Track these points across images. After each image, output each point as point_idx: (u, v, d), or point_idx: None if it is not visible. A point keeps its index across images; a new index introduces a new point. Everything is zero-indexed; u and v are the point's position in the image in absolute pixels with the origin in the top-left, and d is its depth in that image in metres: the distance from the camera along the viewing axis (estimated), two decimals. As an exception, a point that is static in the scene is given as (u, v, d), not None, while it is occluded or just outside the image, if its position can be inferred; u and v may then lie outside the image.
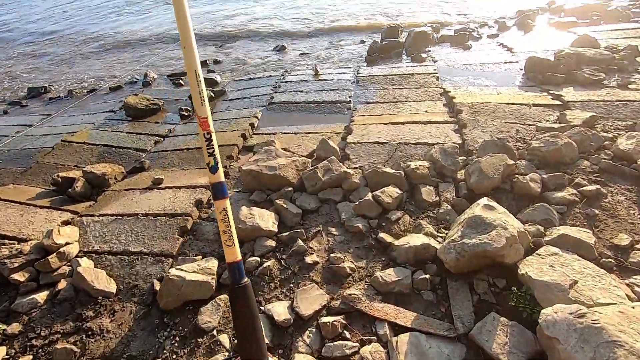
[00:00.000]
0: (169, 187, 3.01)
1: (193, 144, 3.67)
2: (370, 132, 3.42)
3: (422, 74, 4.62)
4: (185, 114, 4.43)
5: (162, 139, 3.95)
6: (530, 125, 3.24)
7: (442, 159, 2.79)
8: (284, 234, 2.41)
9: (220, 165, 1.45)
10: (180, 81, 5.57)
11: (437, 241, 2.22)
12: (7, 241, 2.63)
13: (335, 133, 3.60)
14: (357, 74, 4.92)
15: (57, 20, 10.15)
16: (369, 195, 2.55)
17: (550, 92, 3.80)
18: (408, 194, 2.65)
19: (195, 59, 1.41)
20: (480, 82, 4.32)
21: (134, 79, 5.85)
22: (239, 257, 1.55)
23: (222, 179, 1.45)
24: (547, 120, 3.29)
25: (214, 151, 1.40)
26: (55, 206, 2.98)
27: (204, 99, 1.40)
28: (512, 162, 2.57)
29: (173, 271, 2.13)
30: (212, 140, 1.40)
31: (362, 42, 6.64)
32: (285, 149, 3.35)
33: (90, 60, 7.08)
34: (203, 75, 4.61)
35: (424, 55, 5.26)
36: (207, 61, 6.45)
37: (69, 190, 3.07)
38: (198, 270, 2.16)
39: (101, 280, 2.25)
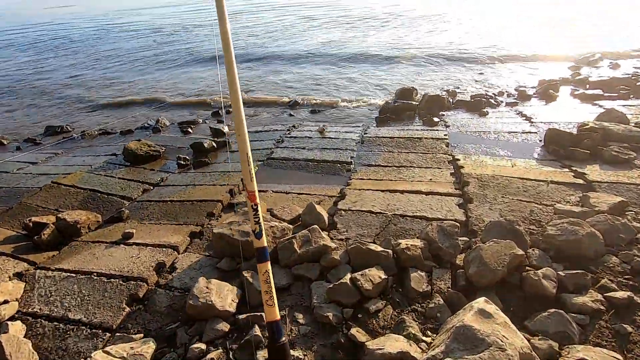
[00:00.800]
0: (136, 244, 2.76)
1: (179, 196, 3.48)
2: (365, 199, 3.11)
3: (431, 138, 4.38)
4: (182, 162, 4.33)
5: (151, 188, 3.80)
6: (547, 205, 2.84)
7: (440, 240, 2.41)
8: (241, 316, 2.05)
9: (264, 232, 1.58)
10: (189, 129, 5.60)
11: (420, 348, 1.79)
12: (-51, 291, 2.41)
13: (329, 196, 3.32)
14: (364, 134, 4.74)
15: (90, 65, 11.02)
16: (347, 277, 2.18)
17: (572, 168, 3.42)
18: (395, 278, 2.26)
19: (246, 144, 1.62)
20: (493, 152, 4.00)
21: (146, 125, 5.97)
22: (278, 316, 1.62)
23: (265, 244, 1.59)
24: (568, 202, 2.88)
25: (259, 220, 1.57)
26: (16, 254, 2.78)
27: (252, 177, 1.59)
28: (520, 252, 2.16)
29: (97, 355, 1.78)
30: (257, 211, 1.58)
31: (376, 101, 6.61)
32: (269, 210, 3.08)
33: (110, 108, 7.41)
34: (213, 125, 4.56)
35: (436, 119, 5.07)
36: (220, 111, 6.56)
37: (35, 237, 2.88)
38: (128, 356, 1.81)
39: (22, 354, 1.92)
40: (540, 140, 4.19)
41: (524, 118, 5.03)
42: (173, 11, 21.34)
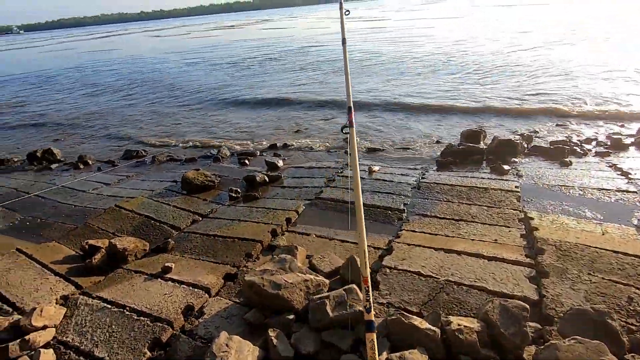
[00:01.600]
0: (172, 280, 2.73)
1: (222, 231, 3.46)
2: (414, 257, 2.77)
3: (499, 189, 3.88)
4: (234, 195, 4.37)
5: (200, 219, 3.86)
6: (652, 292, 2.23)
7: (502, 323, 1.98)
8: (258, 386, 1.83)
9: (372, 307, 1.74)
10: (246, 161, 5.74)
11: None
12: (5, 307, 2.58)
13: (374, 248, 3.03)
14: (422, 178, 4.39)
15: (167, 97, 12.34)
16: (384, 357, 1.86)
17: (688, 244, 2.71)
18: (443, 366, 1.88)
19: (364, 243, 1.97)
20: (578, 212, 3.38)
21: (209, 154, 6.28)
22: None
23: (373, 318, 1.72)
24: (683, 292, 2.23)
25: (369, 299, 1.75)
26: (69, 275, 2.92)
27: (367, 265, 1.88)
28: (613, 359, 1.66)
29: (104, 408, 1.69)
30: (369, 291, 1.78)
31: (438, 142, 6.20)
32: (309, 258, 2.89)
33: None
34: (268, 159, 4.64)
35: (506, 167, 4.53)
36: (278, 144, 6.68)
37: (87, 260, 3.03)
38: (134, 415, 1.68)
39: (43, 389, 1.92)
40: (640, 203, 3.46)
41: (619, 172, 4.26)
42: (260, 44, 23.55)
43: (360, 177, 4.52)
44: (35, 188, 5.17)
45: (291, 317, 2.23)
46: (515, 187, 3.94)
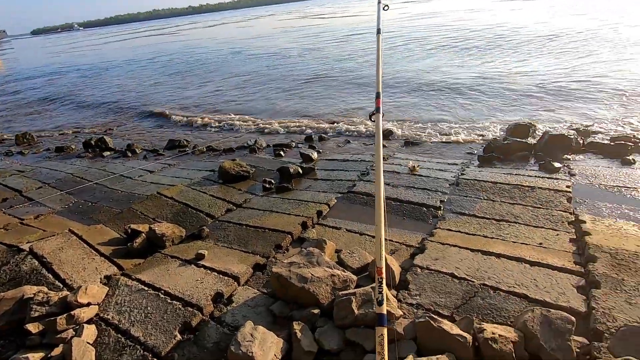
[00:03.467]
0: (204, 267, 2.82)
1: (254, 221, 3.51)
2: (448, 257, 2.63)
3: (548, 189, 3.58)
4: (267, 186, 4.42)
5: (234, 208, 3.95)
6: None
7: (543, 336, 1.82)
8: (280, 378, 1.84)
9: (385, 300, 1.65)
10: (281, 152, 5.79)
11: None
12: (57, 282, 2.80)
13: (406, 245, 2.93)
14: (461, 174, 4.17)
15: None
16: (409, 361, 1.79)
17: None
18: (473, 375, 1.77)
19: (381, 230, 1.83)
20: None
21: (246, 144, 6.40)
22: None
23: (384, 311, 1.63)
24: None
25: (382, 291, 1.67)
26: (112, 257, 3.11)
27: (382, 256, 1.77)
28: (676, 389, 1.46)
29: (135, 386, 1.78)
30: (382, 284, 1.69)
31: (482, 136, 5.85)
32: (337, 252, 2.85)
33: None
34: (303, 151, 4.64)
35: (557, 164, 4.16)
36: (313, 136, 6.66)
37: (129, 243, 3.21)
38: (162, 395, 1.76)
39: (84, 362, 2.06)
40: None
41: (694, 173, 3.77)
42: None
43: (395, 172, 4.40)
44: (88, 174, 5.57)
45: (316, 311, 2.21)
46: (567, 186, 3.62)
